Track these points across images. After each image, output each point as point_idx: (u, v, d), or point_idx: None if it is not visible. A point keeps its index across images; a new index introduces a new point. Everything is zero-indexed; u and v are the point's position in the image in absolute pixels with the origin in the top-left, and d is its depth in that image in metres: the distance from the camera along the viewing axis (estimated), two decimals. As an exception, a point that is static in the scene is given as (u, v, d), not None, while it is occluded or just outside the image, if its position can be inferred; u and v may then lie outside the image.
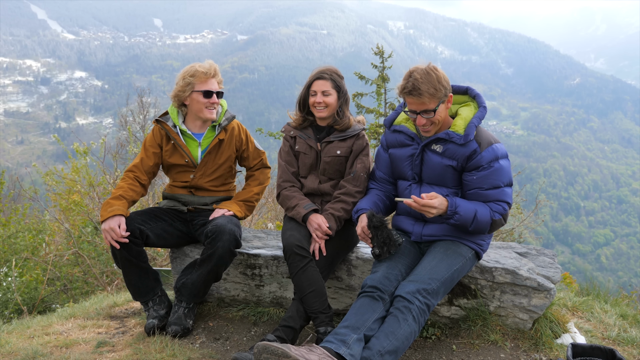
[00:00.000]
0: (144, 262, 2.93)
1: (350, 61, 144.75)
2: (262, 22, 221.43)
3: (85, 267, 6.26)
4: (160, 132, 3.12)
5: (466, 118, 2.55)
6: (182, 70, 3.07)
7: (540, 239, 10.40)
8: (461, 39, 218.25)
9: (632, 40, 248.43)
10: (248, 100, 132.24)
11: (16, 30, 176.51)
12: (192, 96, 3.02)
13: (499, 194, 2.51)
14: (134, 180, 3.03)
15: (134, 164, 3.11)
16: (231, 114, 3.19)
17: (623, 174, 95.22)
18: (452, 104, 2.68)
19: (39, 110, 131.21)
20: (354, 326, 2.27)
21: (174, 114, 3.10)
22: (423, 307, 2.32)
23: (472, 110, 2.60)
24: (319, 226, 2.78)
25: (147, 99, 12.79)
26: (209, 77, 3.02)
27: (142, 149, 3.16)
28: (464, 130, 2.51)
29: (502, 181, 2.51)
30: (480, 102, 2.61)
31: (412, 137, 2.67)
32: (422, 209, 2.41)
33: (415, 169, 2.66)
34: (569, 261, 57.81)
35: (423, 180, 2.67)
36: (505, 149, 2.59)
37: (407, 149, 2.69)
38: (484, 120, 2.63)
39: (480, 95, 2.64)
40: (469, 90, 2.68)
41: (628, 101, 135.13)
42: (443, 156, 2.56)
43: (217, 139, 3.09)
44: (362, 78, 13.86)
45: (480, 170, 2.50)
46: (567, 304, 3.22)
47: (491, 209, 2.50)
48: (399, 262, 2.55)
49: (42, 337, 2.94)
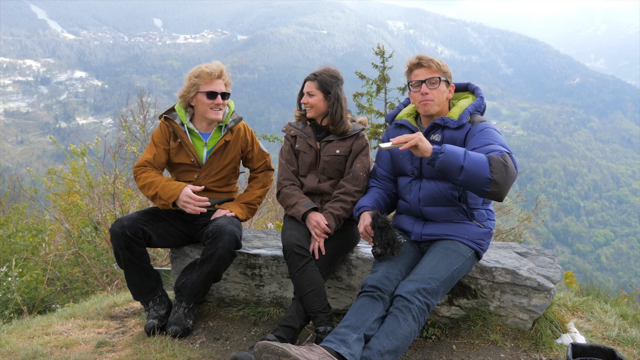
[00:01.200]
0: (146, 263, 2.93)
1: (350, 61, 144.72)
2: (262, 22, 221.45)
3: (85, 267, 6.26)
4: (167, 129, 3.10)
5: (462, 107, 2.62)
6: (190, 70, 3.06)
7: (540, 239, 10.40)
8: (461, 39, 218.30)
9: (632, 40, 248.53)
10: (248, 100, 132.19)
11: (16, 30, 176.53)
12: (197, 97, 3.01)
13: (491, 147, 2.40)
14: (153, 170, 3.03)
15: (146, 159, 3.05)
16: (238, 115, 3.18)
17: (623, 174, 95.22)
18: (453, 99, 2.74)
19: (39, 110, 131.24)
20: (354, 326, 2.27)
21: (181, 113, 3.08)
22: (423, 307, 2.32)
23: (469, 101, 2.68)
24: (317, 224, 2.78)
25: (147, 99, 12.79)
26: (214, 78, 3.00)
27: (151, 144, 3.11)
28: (458, 116, 2.57)
29: (493, 140, 2.44)
30: (478, 94, 2.70)
31: (413, 131, 2.68)
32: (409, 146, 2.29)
33: (415, 163, 2.66)
34: (569, 261, 57.81)
35: (423, 175, 2.67)
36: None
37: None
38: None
39: (478, 88, 2.73)
40: (469, 85, 2.77)
41: (628, 101, 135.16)
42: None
43: (223, 140, 3.08)
44: (362, 77, 13.87)
45: (473, 136, 2.52)
46: (567, 304, 3.22)
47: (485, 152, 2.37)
48: (399, 262, 2.55)
49: (42, 337, 2.94)
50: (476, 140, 2.48)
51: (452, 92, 2.67)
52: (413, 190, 2.67)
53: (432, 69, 2.58)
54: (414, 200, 2.67)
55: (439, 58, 2.62)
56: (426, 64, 2.58)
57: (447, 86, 2.62)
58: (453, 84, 2.68)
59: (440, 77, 2.57)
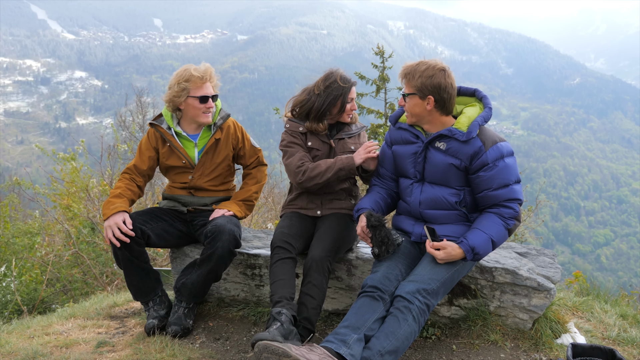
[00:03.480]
0: (145, 263, 2.92)
1: (350, 61, 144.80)
2: (262, 22, 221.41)
3: (85, 267, 6.26)
4: (155, 134, 3.09)
5: (470, 117, 2.56)
6: (175, 73, 2.99)
7: (540, 239, 10.41)
8: (461, 39, 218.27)
9: (632, 40, 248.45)
10: (248, 100, 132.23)
11: (16, 30, 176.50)
12: (188, 101, 2.97)
13: (509, 192, 2.49)
14: (130, 181, 3.04)
15: (129, 166, 3.10)
16: (225, 112, 3.16)
17: (623, 174, 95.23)
18: (458, 104, 2.69)
19: (39, 110, 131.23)
20: (354, 326, 2.27)
21: (168, 117, 3.06)
22: (423, 307, 2.32)
23: (477, 110, 2.60)
24: (365, 147, 2.83)
25: (146, 99, 12.78)
26: (205, 82, 2.97)
27: (137, 152, 3.12)
28: (467, 128, 2.51)
29: (510, 179, 2.50)
30: (486, 104, 2.62)
31: (417, 135, 2.66)
32: (436, 255, 2.45)
33: (418, 167, 2.65)
34: (569, 261, 57.82)
35: (425, 179, 2.66)
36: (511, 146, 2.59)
37: (411, 147, 2.68)
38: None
39: (487, 97, 2.65)
40: (477, 92, 2.69)
41: (628, 101, 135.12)
42: (446, 154, 2.55)
43: (213, 138, 3.07)
44: (362, 78, 13.85)
45: (486, 170, 2.49)
46: (567, 304, 3.22)
47: (502, 216, 2.48)
48: (399, 262, 2.55)
49: (42, 337, 2.94)
50: (493, 179, 2.48)
51: (431, 105, 2.52)
52: (414, 193, 2.67)
53: (407, 83, 2.56)
54: (414, 202, 2.67)
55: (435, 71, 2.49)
56: (402, 76, 2.59)
57: (423, 99, 2.51)
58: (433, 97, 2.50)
59: (409, 93, 2.54)
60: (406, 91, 2.56)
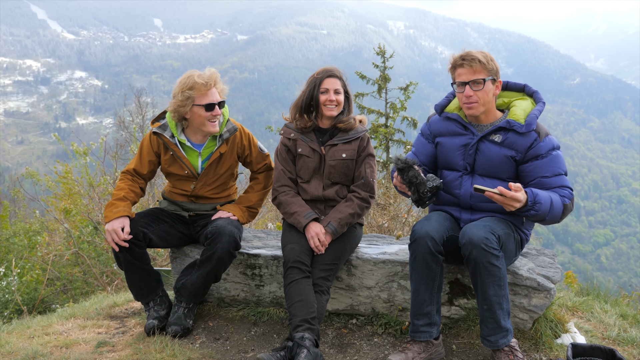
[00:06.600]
0: (146, 264, 2.91)
1: (350, 61, 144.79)
2: (262, 22, 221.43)
3: (85, 267, 6.25)
4: (157, 141, 2.99)
5: (525, 109, 2.56)
6: (178, 80, 2.85)
7: (540, 239, 10.41)
8: (461, 39, 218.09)
9: (632, 40, 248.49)
10: (248, 100, 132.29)
11: (16, 30, 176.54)
12: (193, 110, 2.84)
13: (561, 180, 2.48)
14: (132, 182, 2.99)
15: (129, 168, 3.03)
16: (233, 125, 3.02)
17: (623, 174, 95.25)
18: (507, 98, 2.68)
19: (39, 110, 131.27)
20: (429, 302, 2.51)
21: (172, 125, 2.93)
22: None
23: (529, 104, 2.60)
24: (316, 234, 2.74)
25: (146, 99, 12.78)
26: (210, 88, 2.83)
27: (138, 153, 3.04)
28: (525, 120, 2.51)
29: (561, 169, 2.50)
30: (539, 98, 2.63)
31: (465, 127, 2.62)
32: (505, 201, 2.30)
33: (469, 159, 2.59)
34: (569, 261, 57.83)
35: (475, 171, 2.60)
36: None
37: (459, 138, 2.63)
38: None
39: (538, 92, 2.66)
40: (526, 87, 2.69)
41: (628, 101, 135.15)
42: (502, 146, 2.52)
43: (218, 152, 2.99)
44: (363, 77, 13.84)
45: (539, 159, 2.49)
46: (567, 304, 3.22)
47: (560, 194, 2.45)
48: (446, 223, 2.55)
49: (42, 337, 2.94)
50: (547, 167, 2.48)
51: (499, 88, 2.57)
52: (464, 185, 2.61)
53: (475, 69, 2.47)
54: (464, 195, 2.61)
55: (483, 52, 2.51)
56: (468, 65, 2.47)
57: (494, 83, 2.53)
58: (500, 80, 2.57)
59: (484, 78, 2.47)
60: (481, 76, 2.47)
